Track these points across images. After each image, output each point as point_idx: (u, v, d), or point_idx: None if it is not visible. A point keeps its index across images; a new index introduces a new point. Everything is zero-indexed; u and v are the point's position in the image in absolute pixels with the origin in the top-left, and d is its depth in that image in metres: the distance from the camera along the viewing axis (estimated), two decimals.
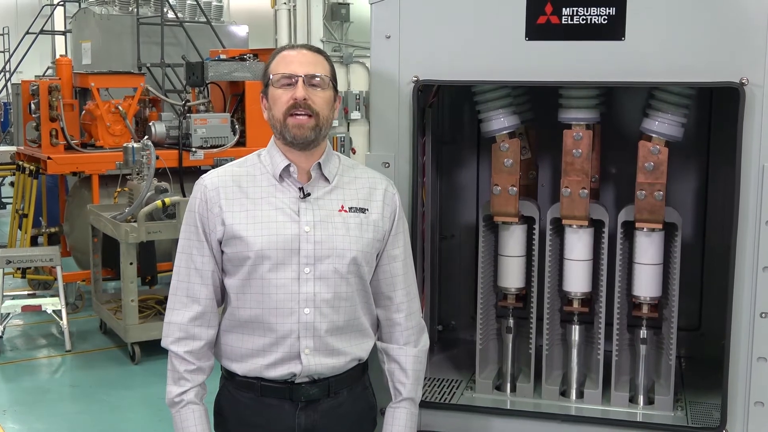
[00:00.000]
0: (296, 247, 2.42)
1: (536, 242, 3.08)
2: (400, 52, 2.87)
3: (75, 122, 8.92)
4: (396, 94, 2.89)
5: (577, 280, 3.07)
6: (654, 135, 2.88)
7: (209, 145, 8.75)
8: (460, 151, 3.58)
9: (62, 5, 15.92)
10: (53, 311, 7.40)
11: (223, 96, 9.32)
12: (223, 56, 9.42)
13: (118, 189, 7.91)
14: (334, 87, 2.51)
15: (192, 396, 2.49)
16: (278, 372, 2.46)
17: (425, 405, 2.91)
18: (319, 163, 2.49)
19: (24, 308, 7.47)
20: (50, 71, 15.49)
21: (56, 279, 7.62)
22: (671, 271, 3.02)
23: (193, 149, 8.65)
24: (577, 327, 3.13)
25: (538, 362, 3.11)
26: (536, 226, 3.08)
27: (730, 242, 2.68)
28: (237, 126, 9.00)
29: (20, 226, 9.14)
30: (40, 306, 7.45)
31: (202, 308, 2.49)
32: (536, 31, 2.76)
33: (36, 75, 15.49)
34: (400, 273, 2.59)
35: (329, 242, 2.44)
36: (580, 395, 3.10)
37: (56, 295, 7.54)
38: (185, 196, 7.53)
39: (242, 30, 13.57)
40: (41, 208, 9.51)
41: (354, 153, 14.17)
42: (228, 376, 2.57)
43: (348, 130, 15.06)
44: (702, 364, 3.37)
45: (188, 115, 8.77)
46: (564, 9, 2.74)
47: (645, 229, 2.96)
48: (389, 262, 2.57)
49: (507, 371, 3.19)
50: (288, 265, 2.42)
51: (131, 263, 6.77)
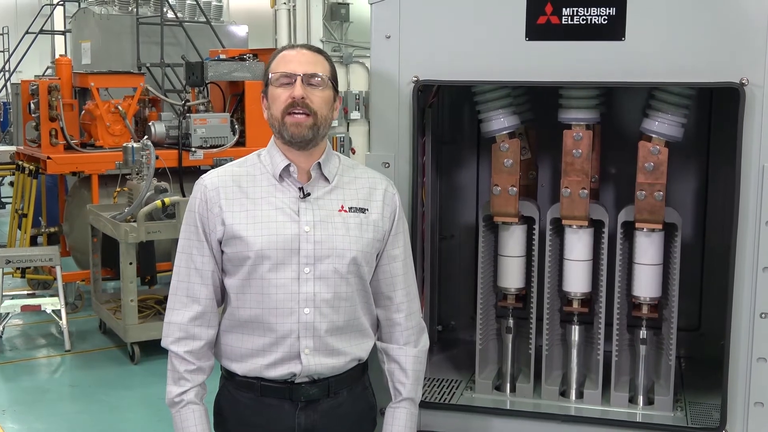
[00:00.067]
0: (296, 247, 2.42)
1: (536, 242, 3.08)
2: (400, 52, 2.87)
3: (74, 122, 8.91)
4: (396, 94, 2.89)
5: (577, 281, 3.07)
6: (654, 135, 2.88)
7: (209, 145, 8.74)
8: (460, 151, 3.58)
9: (62, 5, 15.93)
10: (53, 311, 7.40)
11: (223, 96, 9.31)
12: (223, 56, 9.42)
13: (118, 189, 7.91)
14: (334, 87, 2.51)
15: (192, 396, 2.49)
16: (278, 372, 2.45)
17: (425, 405, 2.91)
18: (319, 163, 2.49)
19: (23, 308, 7.47)
20: (50, 71, 15.50)
21: (56, 279, 7.61)
22: (671, 272, 3.02)
23: (193, 149, 8.65)
24: (577, 327, 3.13)
25: (538, 362, 3.11)
26: (536, 227, 3.08)
27: (730, 242, 2.68)
28: (236, 126, 8.99)
29: (20, 226, 9.14)
30: (40, 306, 7.45)
31: (202, 308, 2.49)
32: (536, 31, 2.76)
33: (36, 75, 15.51)
34: (400, 273, 2.59)
35: (329, 242, 2.44)
36: (580, 395, 3.10)
37: (56, 295, 7.54)
38: (185, 196, 7.53)
39: (242, 30, 13.57)
40: (41, 208, 9.51)
41: (353, 153, 14.17)
42: (228, 376, 2.56)
43: (347, 130, 15.06)
44: (702, 365, 3.37)
45: (188, 115, 8.76)
46: (564, 9, 2.74)
47: (645, 230, 2.96)
48: (389, 262, 2.57)
49: (507, 371, 3.19)
50: (288, 265, 2.42)
51: (131, 263, 6.77)
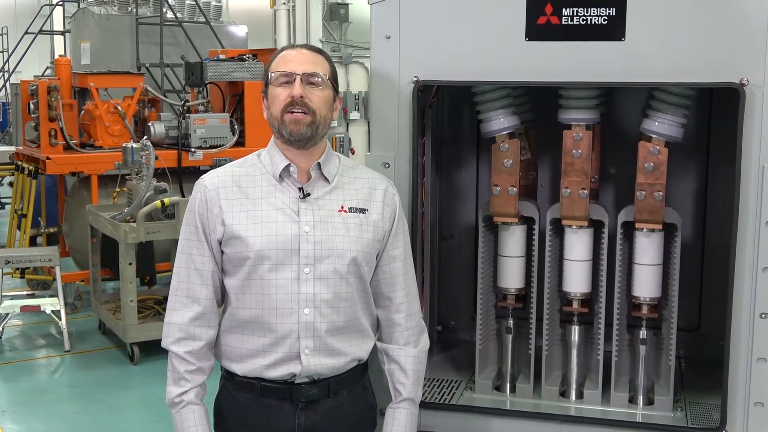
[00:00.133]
0: (296, 248, 2.42)
1: (536, 243, 3.08)
2: (400, 53, 2.87)
3: (74, 122, 8.91)
4: (396, 95, 2.89)
5: (577, 281, 3.07)
6: (654, 135, 2.88)
7: (208, 146, 8.74)
8: (460, 152, 3.58)
9: (61, 5, 15.91)
10: (52, 311, 7.40)
11: (222, 96, 9.31)
12: (222, 56, 9.41)
13: (117, 189, 7.91)
14: (334, 87, 2.51)
15: (192, 396, 2.49)
16: (278, 372, 2.45)
17: (425, 405, 2.91)
18: (319, 163, 2.49)
19: (23, 308, 7.46)
20: (49, 71, 15.48)
21: (55, 279, 7.61)
22: (671, 272, 3.02)
23: (192, 149, 8.64)
24: (577, 327, 3.13)
25: (538, 363, 3.11)
26: (536, 227, 3.08)
27: (730, 243, 2.68)
28: (236, 126, 8.99)
29: (19, 227, 9.13)
30: (39, 306, 7.44)
31: (202, 308, 2.49)
32: (536, 32, 2.76)
33: (35, 75, 15.50)
34: (400, 273, 2.59)
35: (329, 242, 2.44)
36: (580, 396, 3.10)
37: (55, 296, 7.54)
38: (184, 197, 7.53)
39: (241, 30, 13.56)
40: (40, 208, 9.51)
41: (353, 153, 14.16)
42: (228, 377, 2.56)
43: (347, 131, 15.05)
44: (702, 365, 3.37)
45: (187, 116, 8.75)
46: (564, 9, 2.74)
47: (645, 230, 2.96)
48: (389, 263, 2.57)
49: (507, 372, 3.19)
50: (288, 266, 2.42)
51: (130, 263, 6.77)
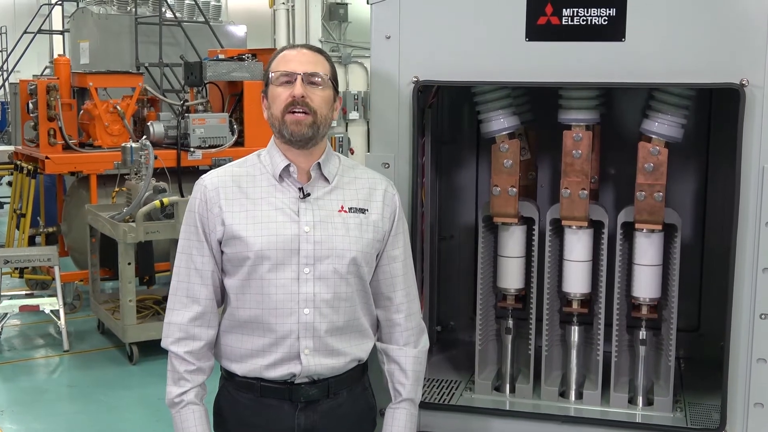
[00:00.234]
0: (296, 248, 2.42)
1: (536, 243, 3.08)
2: (400, 53, 2.87)
3: (73, 122, 8.90)
4: (396, 95, 2.89)
5: (577, 281, 3.07)
6: (654, 136, 2.89)
7: (207, 145, 8.73)
8: (460, 152, 3.58)
9: (60, 5, 15.89)
10: (51, 311, 7.38)
11: (222, 96, 9.30)
12: (222, 56, 9.40)
13: (116, 189, 7.90)
14: (335, 87, 2.51)
15: (192, 396, 2.49)
16: (278, 372, 2.45)
17: (425, 406, 2.91)
18: (319, 163, 2.49)
19: (22, 308, 7.45)
20: (48, 71, 15.47)
21: (54, 279, 7.61)
22: (671, 272, 3.02)
23: (192, 149, 8.63)
24: (577, 328, 3.13)
25: (538, 363, 3.11)
26: (536, 227, 3.08)
27: (730, 243, 2.68)
28: (235, 126, 8.98)
29: (18, 226, 9.12)
30: (38, 306, 7.43)
31: (202, 308, 2.48)
32: (536, 32, 2.76)
33: (34, 74, 15.49)
34: (400, 274, 2.59)
35: (329, 242, 2.44)
36: (580, 396, 3.10)
37: (54, 295, 7.53)
38: (183, 196, 7.52)
39: (240, 30, 13.55)
40: (39, 208, 9.49)
41: (352, 153, 14.16)
42: (228, 377, 2.56)
43: (346, 131, 15.05)
44: (701, 365, 3.37)
45: (186, 115, 8.74)
46: (564, 10, 2.74)
47: (644, 230, 2.96)
48: (389, 263, 2.57)
49: (506, 372, 3.19)
50: (288, 266, 2.42)
51: (129, 263, 6.76)
